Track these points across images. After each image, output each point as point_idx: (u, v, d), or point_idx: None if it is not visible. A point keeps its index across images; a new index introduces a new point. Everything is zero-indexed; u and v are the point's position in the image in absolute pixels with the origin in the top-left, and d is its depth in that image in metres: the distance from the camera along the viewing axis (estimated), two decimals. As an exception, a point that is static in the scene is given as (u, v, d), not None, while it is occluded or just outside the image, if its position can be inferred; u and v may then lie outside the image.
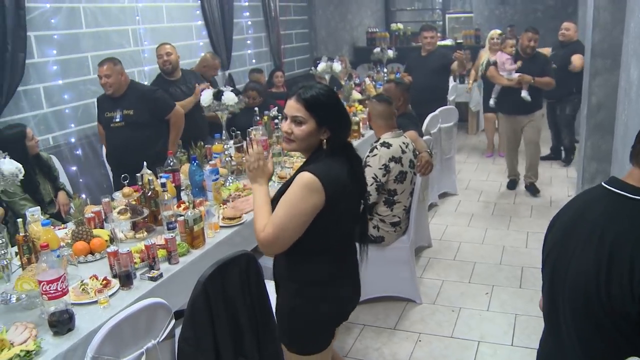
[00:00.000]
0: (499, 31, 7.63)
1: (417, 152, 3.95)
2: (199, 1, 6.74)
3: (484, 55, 7.48)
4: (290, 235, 2.12)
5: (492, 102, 6.59)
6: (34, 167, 4.04)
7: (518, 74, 6.02)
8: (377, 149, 3.76)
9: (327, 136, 2.20)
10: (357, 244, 2.44)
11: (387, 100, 4.00)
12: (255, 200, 2.26)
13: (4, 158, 2.50)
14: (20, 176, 2.54)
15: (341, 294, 2.33)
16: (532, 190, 6.37)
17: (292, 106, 2.18)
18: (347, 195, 2.19)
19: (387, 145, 3.75)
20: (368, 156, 3.78)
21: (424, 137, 4.58)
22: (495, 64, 6.31)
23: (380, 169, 3.70)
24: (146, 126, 4.54)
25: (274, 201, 2.23)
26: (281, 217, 2.10)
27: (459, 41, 9.01)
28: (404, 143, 3.82)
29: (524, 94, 6.00)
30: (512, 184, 6.65)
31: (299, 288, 2.27)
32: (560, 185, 6.65)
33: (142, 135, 4.51)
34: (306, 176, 2.10)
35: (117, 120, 4.48)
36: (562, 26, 7.09)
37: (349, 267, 2.38)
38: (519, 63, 6.08)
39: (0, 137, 4.10)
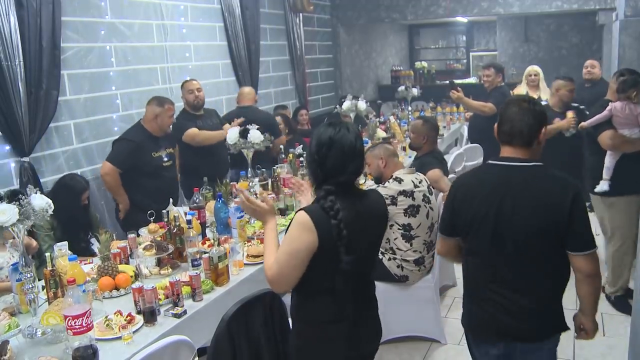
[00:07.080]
0: (537, 67, 6.76)
1: (440, 191, 3.95)
2: (226, 41, 6.88)
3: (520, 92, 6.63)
4: (290, 273, 2.16)
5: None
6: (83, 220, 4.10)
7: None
8: (389, 182, 3.83)
9: None
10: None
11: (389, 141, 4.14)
12: (265, 238, 2.33)
13: (35, 193, 2.54)
14: (50, 211, 2.57)
15: (347, 336, 2.25)
16: None
17: None
18: (354, 234, 2.16)
19: (398, 180, 3.80)
20: (379, 186, 3.84)
21: (450, 176, 4.56)
22: (607, 123, 4.07)
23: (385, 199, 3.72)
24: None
25: None
26: (281, 254, 2.17)
27: (454, 80, 8.01)
28: (416, 179, 3.86)
29: None
30: (625, 303, 4.21)
31: (302, 328, 2.29)
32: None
33: None
34: (299, 214, 2.16)
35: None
36: (586, 64, 6.42)
37: (359, 307, 2.30)
38: None
39: (62, 182, 4.12)
